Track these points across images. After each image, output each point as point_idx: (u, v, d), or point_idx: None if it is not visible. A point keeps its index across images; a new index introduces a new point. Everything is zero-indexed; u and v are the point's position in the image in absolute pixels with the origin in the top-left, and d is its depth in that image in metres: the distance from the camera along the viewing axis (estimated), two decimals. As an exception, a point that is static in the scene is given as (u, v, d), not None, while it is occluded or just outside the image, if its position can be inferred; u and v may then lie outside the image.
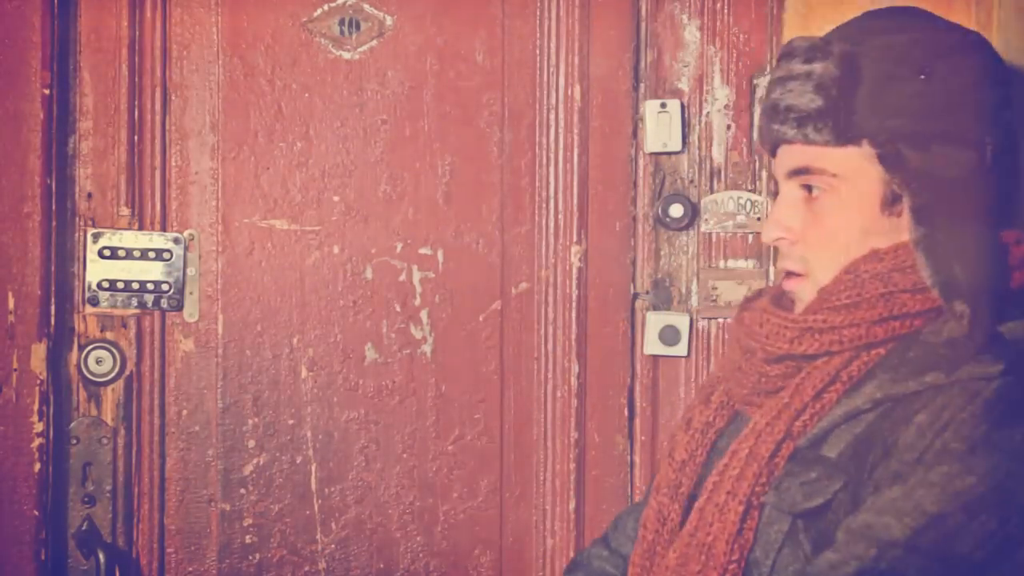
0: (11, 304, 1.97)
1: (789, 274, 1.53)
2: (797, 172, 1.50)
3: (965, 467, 1.32)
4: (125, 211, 2.04)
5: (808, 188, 1.51)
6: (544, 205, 2.08)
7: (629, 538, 1.69)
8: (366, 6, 2.07)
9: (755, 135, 1.60)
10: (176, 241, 2.05)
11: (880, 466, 1.37)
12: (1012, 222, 1.50)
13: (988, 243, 1.46)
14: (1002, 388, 1.36)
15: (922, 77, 1.46)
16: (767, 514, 1.43)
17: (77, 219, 2.03)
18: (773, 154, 1.56)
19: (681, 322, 2.05)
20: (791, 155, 1.51)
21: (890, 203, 1.47)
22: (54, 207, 1.99)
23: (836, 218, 1.49)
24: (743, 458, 1.45)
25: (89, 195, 2.03)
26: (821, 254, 1.50)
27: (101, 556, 1.98)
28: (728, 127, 2.06)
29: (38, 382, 1.98)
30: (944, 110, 1.46)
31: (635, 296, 2.09)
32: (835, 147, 1.47)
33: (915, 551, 1.32)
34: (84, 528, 2.02)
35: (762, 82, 2.04)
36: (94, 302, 2.03)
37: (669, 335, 2.05)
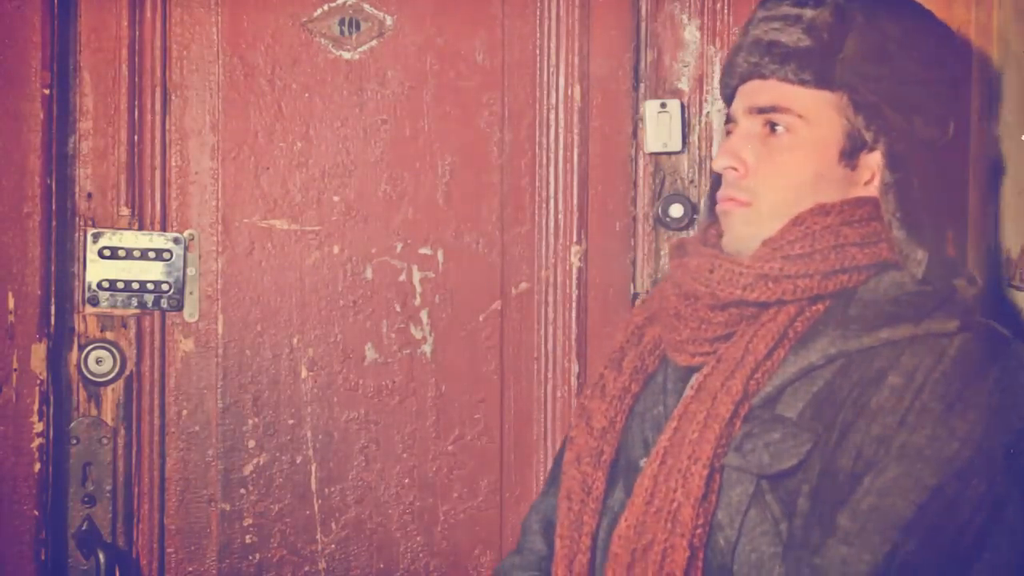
0: (11, 304, 1.97)
1: (732, 200, 1.55)
2: (763, 110, 1.53)
3: (948, 430, 1.36)
4: (125, 211, 2.04)
5: (771, 126, 1.53)
6: (544, 205, 2.08)
7: (536, 532, 1.70)
8: (366, 6, 2.07)
9: (721, 72, 1.67)
10: (176, 241, 2.05)
11: (856, 428, 1.39)
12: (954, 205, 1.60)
13: (944, 205, 1.52)
14: (963, 345, 1.41)
15: (900, 48, 1.51)
16: (727, 476, 1.43)
17: (77, 219, 2.03)
18: (733, 93, 1.59)
19: (681, 322, 2.05)
20: (760, 91, 1.54)
21: (848, 154, 1.51)
22: (54, 207, 1.99)
23: (793, 157, 1.51)
24: (701, 421, 1.45)
25: (89, 195, 2.03)
26: (771, 187, 1.52)
27: (101, 556, 1.98)
28: (728, 127, 2.05)
29: (38, 382, 1.98)
30: (916, 83, 1.51)
31: (635, 296, 2.09)
32: (811, 89, 1.51)
33: (924, 530, 1.34)
34: (84, 528, 2.02)
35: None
36: (94, 302, 2.03)
37: (669, 335, 2.05)
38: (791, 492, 1.41)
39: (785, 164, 1.52)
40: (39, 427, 1.98)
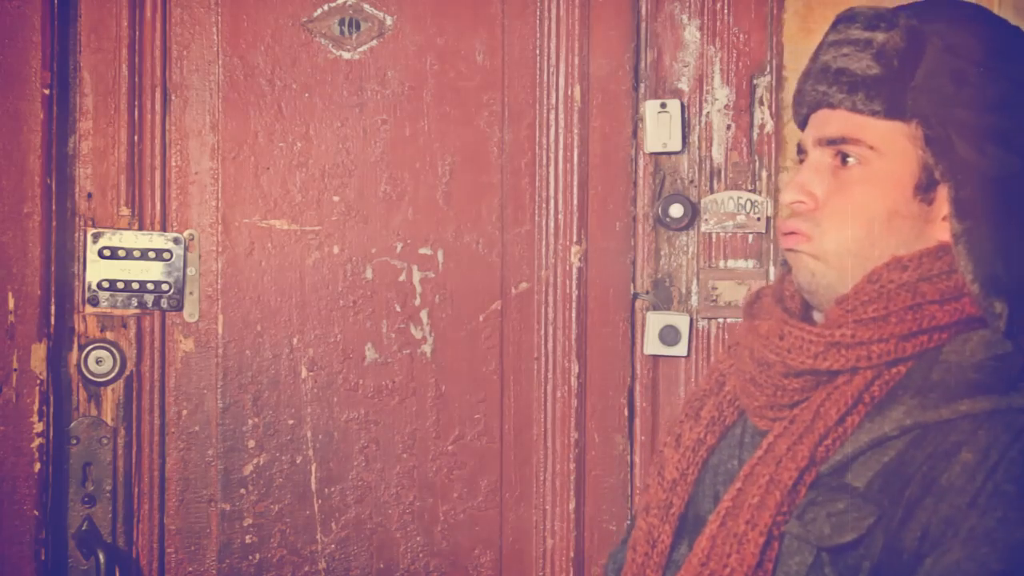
0: (11, 304, 1.97)
1: (791, 233, 1.46)
2: (833, 141, 1.44)
3: (1020, 512, 1.26)
4: (125, 211, 2.04)
5: (842, 158, 1.44)
6: (544, 205, 2.08)
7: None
8: (366, 6, 2.07)
9: (792, 100, 1.53)
10: (176, 241, 2.05)
11: (923, 506, 1.31)
12: None
13: None
14: None
15: (982, 71, 1.40)
16: (787, 544, 1.37)
17: (77, 219, 2.03)
18: (805, 121, 1.50)
19: (681, 322, 2.05)
20: (829, 121, 1.45)
21: (924, 188, 1.41)
22: (54, 207, 1.99)
23: (865, 191, 1.42)
24: (763, 485, 1.38)
25: (89, 195, 2.03)
26: (839, 223, 1.43)
27: (101, 556, 1.98)
28: (728, 127, 2.06)
29: (38, 382, 1.98)
30: (1000, 109, 1.40)
31: (635, 296, 2.09)
32: (881, 119, 1.41)
33: None
34: (84, 528, 2.02)
35: (762, 82, 2.04)
36: (94, 302, 2.03)
37: (669, 335, 2.05)
38: (851, 567, 1.34)
39: (857, 199, 1.42)
40: (39, 427, 1.98)
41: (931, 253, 1.41)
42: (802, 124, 1.51)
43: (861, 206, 1.42)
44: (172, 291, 2.04)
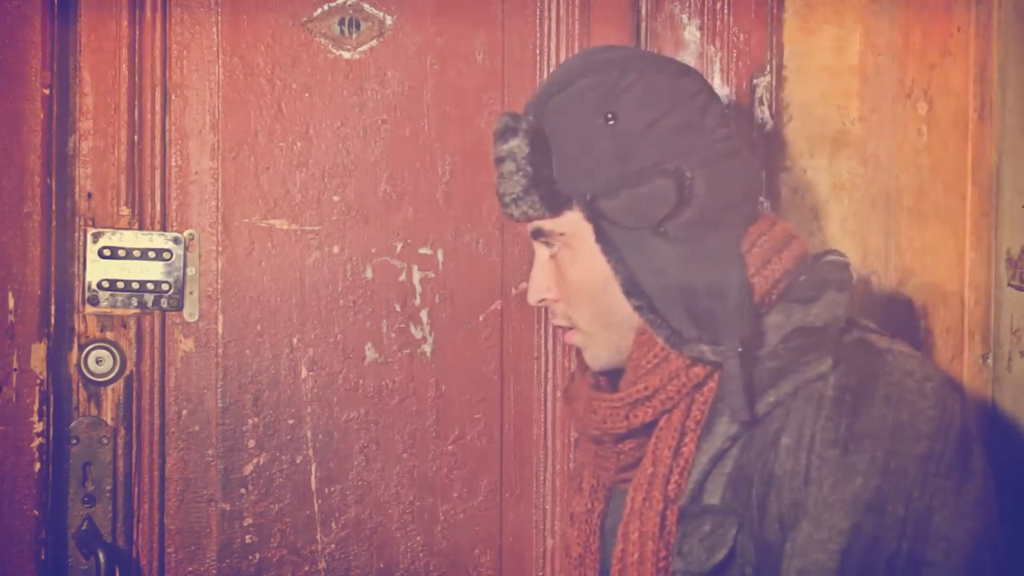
0: (11, 304, 1.97)
1: (561, 329, 1.58)
2: (535, 235, 1.55)
3: (849, 469, 1.34)
4: (125, 211, 2.04)
5: (550, 248, 1.55)
6: (544, 205, 2.08)
7: None
8: (366, 6, 2.07)
9: None
10: (176, 241, 2.05)
11: (770, 499, 1.38)
12: (741, 226, 1.51)
13: (721, 266, 1.46)
14: (837, 380, 1.38)
15: (607, 122, 1.47)
16: None
17: (77, 219, 2.03)
18: None
19: (681, 322, 2.05)
20: (531, 226, 1.56)
21: None
22: (54, 207, 1.99)
23: (575, 272, 1.52)
24: (635, 541, 1.44)
25: (89, 195, 2.03)
26: (576, 307, 1.53)
27: (101, 556, 1.98)
28: (728, 127, 2.05)
29: (38, 382, 1.98)
30: (635, 148, 1.47)
31: (635, 296, 2.09)
32: (552, 218, 1.51)
33: (856, 573, 1.32)
34: (84, 528, 2.02)
35: (762, 82, 2.04)
36: (94, 302, 2.03)
37: (669, 335, 2.05)
38: None
39: (573, 281, 1.52)
40: (39, 427, 1.98)
41: None
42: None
43: (580, 285, 1.52)
44: (172, 291, 2.04)
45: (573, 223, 1.50)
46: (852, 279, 1.50)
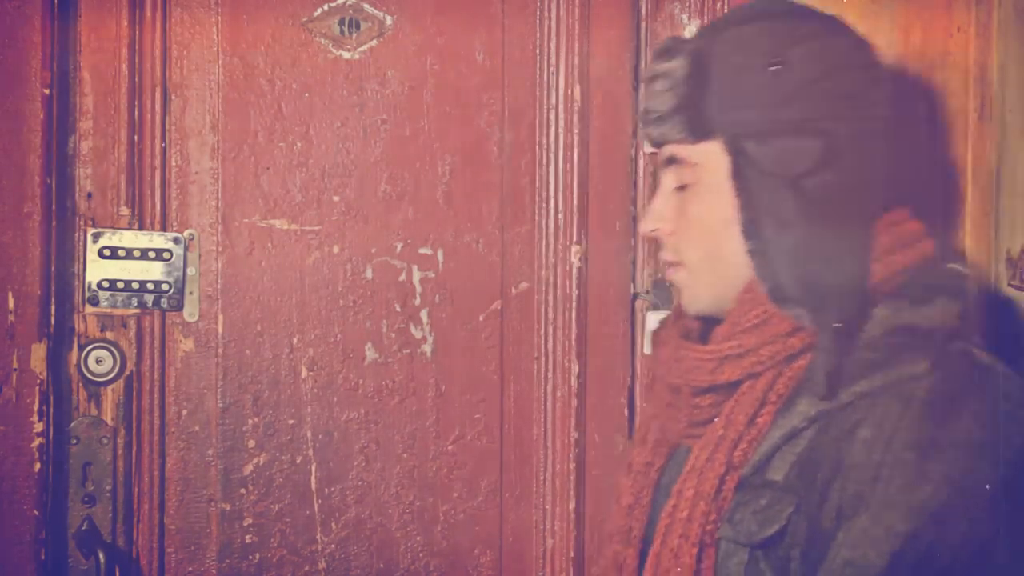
0: (11, 304, 1.97)
1: (667, 263, 1.56)
2: (668, 161, 1.52)
3: (921, 476, 1.31)
4: (125, 211, 2.03)
5: (678, 179, 1.52)
6: (544, 205, 2.08)
7: None
8: (366, 6, 2.07)
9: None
10: (176, 241, 2.05)
11: (834, 487, 1.36)
12: (876, 208, 1.49)
13: (845, 239, 1.45)
14: (932, 385, 1.36)
15: (772, 68, 1.45)
16: (723, 548, 1.42)
17: (77, 219, 2.03)
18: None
19: (681, 322, 2.05)
20: (664, 150, 1.53)
21: None
22: (54, 207, 1.99)
23: (700, 207, 1.50)
24: (689, 498, 1.44)
25: (89, 195, 2.03)
26: (690, 244, 1.51)
27: (101, 556, 1.97)
28: (728, 127, 2.05)
29: (38, 382, 1.98)
30: (792, 100, 1.45)
31: (635, 296, 2.09)
32: (692, 144, 1.48)
33: None
34: (84, 528, 2.02)
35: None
36: (94, 302, 2.03)
37: (669, 335, 2.05)
38: (783, 558, 1.38)
39: (695, 217, 1.50)
40: (39, 427, 1.98)
41: None
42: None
43: (700, 223, 1.50)
44: (172, 291, 2.04)
45: (711, 155, 1.48)
46: (968, 291, 1.47)
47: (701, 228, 1.50)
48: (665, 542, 1.45)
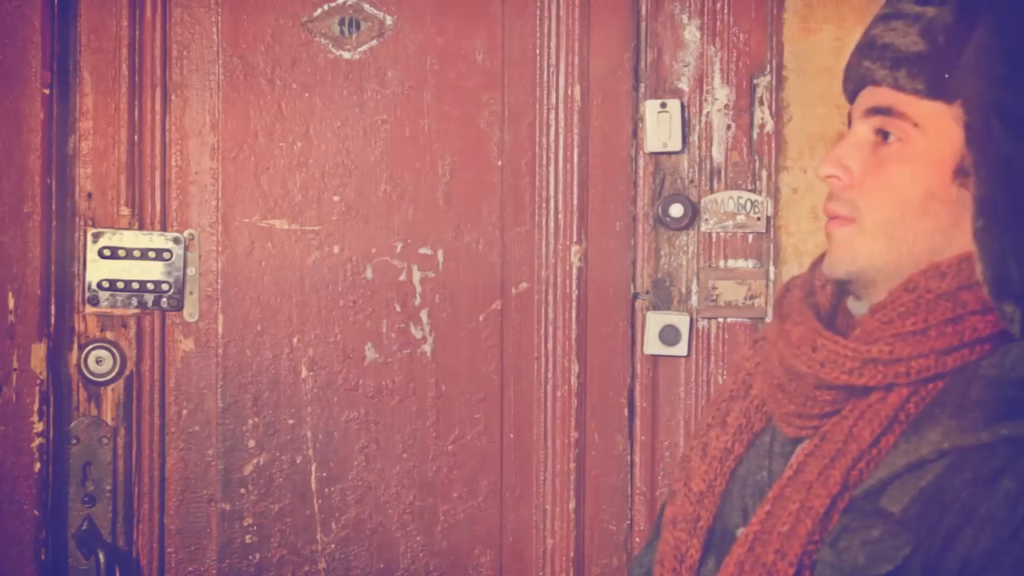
0: (11, 304, 1.97)
1: (834, 217, 1.38)
2: (878, 111, 1.36)
3: None
4: (125, 211, 2.04)
5: (883, 135, 1.36)
6: (544, 205, 2.08)
7: None
8: (366, 6, 2.07)
9: (843, 73, 1.46)
10: (176, 241, 2.05)
11: (963, 537, 1.23)
12: None
13: None
14: None
15: None
16: (819, 572, 1.29)
17: (77, 219, 2.03)
18: (853, 97, 1.42)
19: (681, 322, 2.05)
20: (875, 96, 1.37)
21: (964, 173, 1.32)
22: (54, 207, 1.99)
23: (903, 169, 1.34)
24: (793, 512, 1.31)
25: (89, 195, 2.03)
26: (875, 202, 1.35)
27: (101, 556, 1.97)
28: (728, 127, 2.06)
29: (38, 382, 1.98)
30: None
31: (635, 296, 2.09)
32: (924, 99, 1.33)
33: None
34: (84, 528, 2.02)
35: (762, 82, 2.04)
36: (94, 302, 2.03)
37: (669, 335, 2.05)
38: None
39: (894, 177, 1.34)
40: (39, 427, 1.98)
41: (970, 258, 1.32)
42: (851, 99, 1.43)
43: (896, 185, 1.34)
44: (172, 291, 2.04)
45: (940, 118, 1.33)
46: None
47: (897, 191, 1.34)
48: (754, 551, 1.32)
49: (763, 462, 1.42)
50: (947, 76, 1.32)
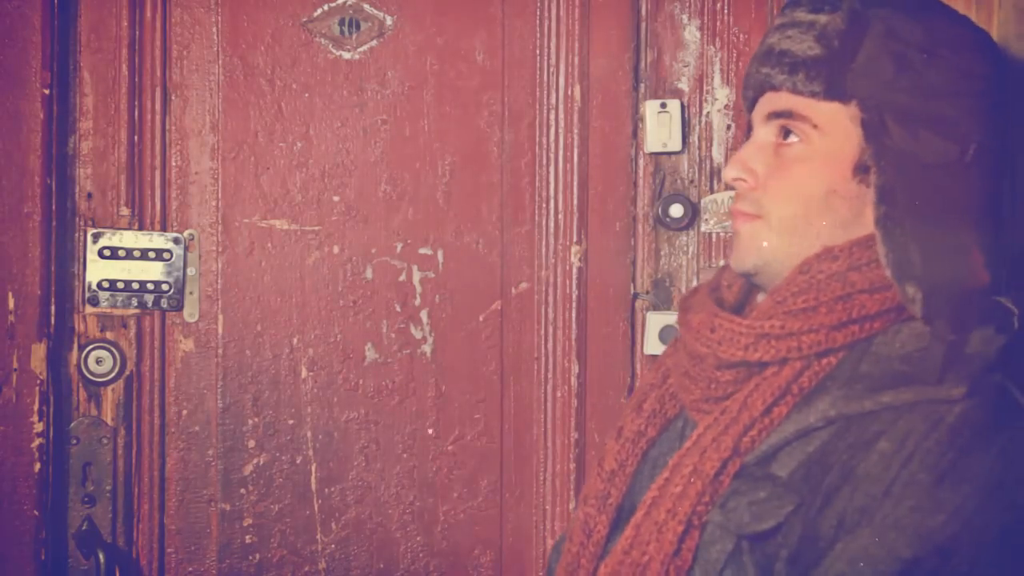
0: (11, 304, 1.97)
1: (740, 215, 1.46)
2: (779, 115, 1.45)
3: (934, 503, 1.27)
4: (125, 211, 2.04)
5: (784, 134, 1.45)
6: (544, 205, 2.08)
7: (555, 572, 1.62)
8: (366, 6, 2.07)
9: (742, 83, 1.56)
10: (176, 241, 2.05)
11: (840, 494, 1.31)
12: (987, 227, 1.44)
13: (952, 238, 1.39)
14: (965, 413, 1.30)
15: (924, 56, 1.40)
16: (709, 533, 1.37)
17: (77, 219, 2.03)
18: (753, 105, 1.51)
19: (681, 322, 2.05)
20: (774, 101, 1.46)
21: (863, 170, 1.41)
22: (54, 207, 1.99)
23: (805, 169, 1.42)
24: (686, 475, 1.39)
25: (89, 195, 2.03)
26: (780, 201, 1.43)
27: (101, 556, 1.98)
28: (728, 127, 2.06)
29: (38, 382, 1.98)
30: (937, 95, 1.41)
31: (635, 296, 2.09)
32: (822, 100, 1.42)
33: None
34: (84, 528, 2.02)
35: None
36: (94, 302, 2.03)
37: (669, 335, 2.05)
38: (769, 555, 1.33)
39: (796, 177, 1.43)
40: (39, 427, 1.98)
41: (861, 243, 1.41)
42: (750, 107, 1.51)
43: (799, 184, 1.43)
44: (172, 291, 2.04)
45: (837, 119, 1.41)
46: (1016, 327, 1.41)
47: (801, 190, 1.42)
48: (650, 514, 1.40)
49: (673, 444, 1.50)
50: (843, 78, 1.41)
